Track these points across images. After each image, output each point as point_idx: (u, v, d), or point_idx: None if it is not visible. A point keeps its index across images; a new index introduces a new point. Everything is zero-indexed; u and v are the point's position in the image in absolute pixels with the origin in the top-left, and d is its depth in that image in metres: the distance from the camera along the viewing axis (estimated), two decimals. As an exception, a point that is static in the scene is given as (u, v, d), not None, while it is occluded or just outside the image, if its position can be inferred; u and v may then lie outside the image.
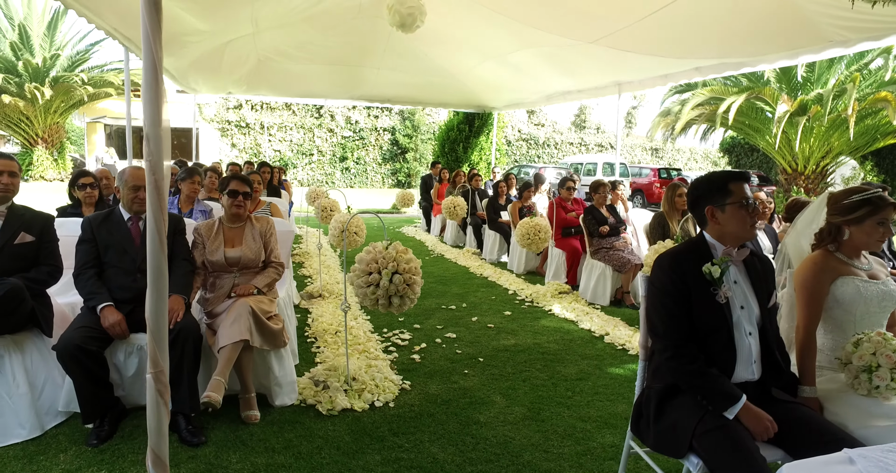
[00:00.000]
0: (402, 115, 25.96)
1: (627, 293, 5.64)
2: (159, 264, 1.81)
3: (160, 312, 1.84)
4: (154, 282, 1.82)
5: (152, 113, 1.75)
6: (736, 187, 1.99)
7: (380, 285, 3.04)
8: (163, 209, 1.78)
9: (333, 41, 8.12)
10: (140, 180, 2.94)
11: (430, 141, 26.05)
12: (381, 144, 25.67)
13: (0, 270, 2.80)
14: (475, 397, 3.30)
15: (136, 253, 2.91)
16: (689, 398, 1.89)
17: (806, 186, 15.81)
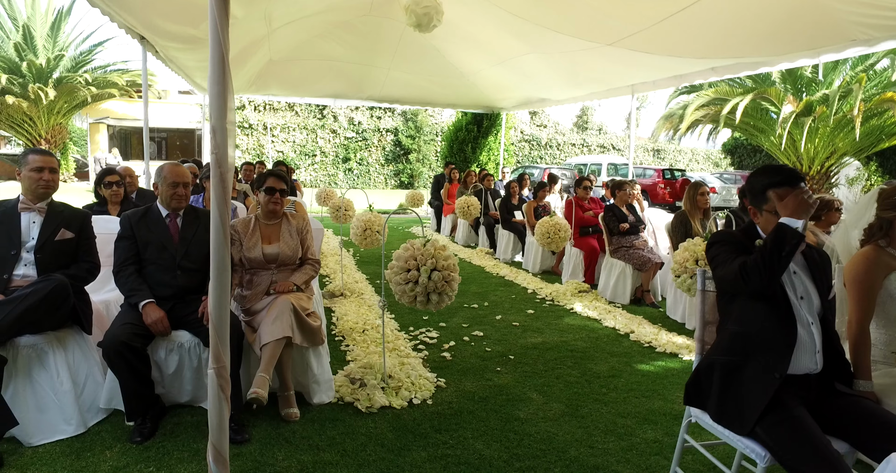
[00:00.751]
0: (404, 116, 25.97)
1: (648, 292, 5.64)
2: (223, 258, 1.80)
3: (223, 306, 1.83)
4: (217, 276, 1.80)
5: (219, 105, 1.74)
6: (776, 194, 1.94)
7: (418, 282, 3.04)
8: (227, 203, 1.77)
9: (344, 41, 8.14)
10: (179, 176, 2.94)
11: (434, 142, 26.09)
12: (383, 145, 25.68)
13: (41, 266, 2.80)
14: (512, 394, 3.30)
15: (175, 250, 2.91)
16: (757, 374, 1.87)
17: (811, 186, 15.82)
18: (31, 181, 2.82)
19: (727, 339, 1.98)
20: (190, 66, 7.68)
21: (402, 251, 3.10)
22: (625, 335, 4.54)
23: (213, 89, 1.74)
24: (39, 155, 2.85)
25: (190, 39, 6.04)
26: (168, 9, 4.90)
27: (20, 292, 2.55)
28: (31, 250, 2.80)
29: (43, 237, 2.83)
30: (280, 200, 3.13)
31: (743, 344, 1.93)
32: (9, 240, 2.76)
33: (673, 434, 2.84)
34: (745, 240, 2.01)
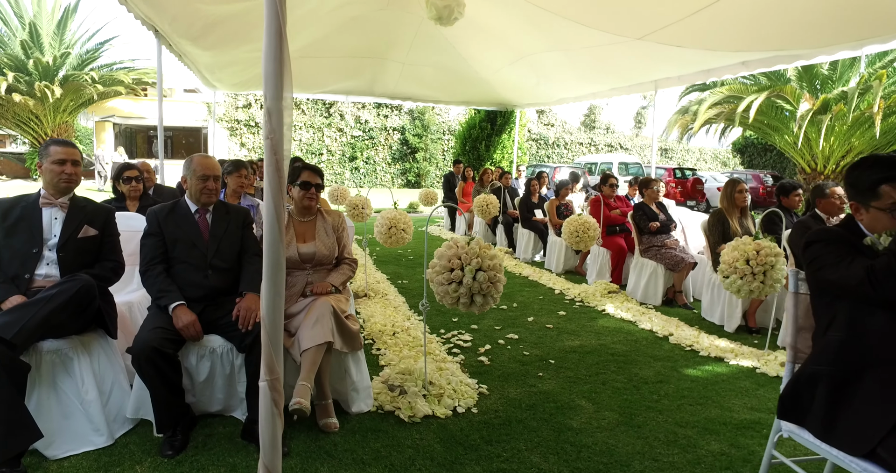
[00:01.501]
0: (411, 114, 25.80)
1: (680, 293, 5.44)
2: (277, 258, 1.61)
3: (276, 312, 1.64)
4: (271, 278, 1.61)
5: (274, 84, 1.55)
6: (889, 190, 1.77)
7: (463, 282, 2.85)
8: (282, 195, 1.58)
9: (360, 36, 7.93)
10: (209, 168, 2.75)
11: (441, 141, 25.92)
12: (390, 144, 25.51)
13: (63, 265, 2.62)
14: (559, 401, 3.11)
15: (205, 248, 2.72)
16: (878, 389, 1.67)
17: (826, 185, 15.59)
18: (53, 175, 2.64)
19: (833, 348, 1.78)
20: (202, 62, 7.50)
21: (446, 250, 2.91)
22: (664, 338, 4.35)
23: (269, 66, 1.54)
24: (61, 146, 2.67)
25: (204, 33, 5.86)
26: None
27: (44, 293, 2.37)
28: (53, 248, 2.62)
29: (65, 235, 2.65)
30: (316, 195, 2.94)
31: (856, 355, 1.73)
32: (30, 237, 2.59)
33: (739, 446, 2.65)
34: (852, 238, 1.81)
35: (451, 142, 26.36)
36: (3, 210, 2.60)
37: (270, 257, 1.59)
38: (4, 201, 2.65)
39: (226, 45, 6.76)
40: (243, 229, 2.83)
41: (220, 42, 6.55)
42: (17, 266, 2.54)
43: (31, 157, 20.45)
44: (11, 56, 18.70)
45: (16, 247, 2.56)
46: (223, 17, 5.51)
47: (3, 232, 2.57)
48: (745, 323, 4.63)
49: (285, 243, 2.80)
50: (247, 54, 7.37)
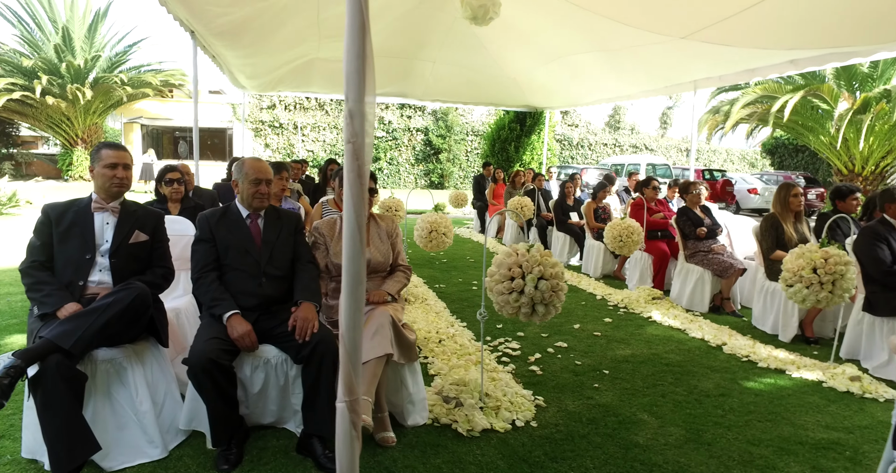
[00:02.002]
0: (434, 115, 25.74)
1: (728, 300, 5.25)
2: (358, 271, 1.50)
3: (356, 328, 1.54)
4: (352, 291, 1.50)
5: (357, 84, 1.44)
6: None
7: (524, 291, 2.74)
8: (364, 202, 1.48)
9: (391, 35, 7.83)
10: (262, 172, 2.66)
11: (464, 141, 25.81)
12: (413, 145, 25.46)
13: (116, 272, 2.56)
14: (620, 415, 2.97)
15: (258, 255, 2.64)
16: None
17: (864, 187, 15.17)
18: (105, 179, 2.58)
19: None
20: (234, 62, 7.49)
21: (505, 258, 2.80)
22: (717, 348, 4.18)
23: (351, 65, 1.44)
24: (113, 150, 2.61)
25: (236, 33, 5.83)
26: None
27: (100, 301, 2.31)
28: (105, 253, 2.57)
29: (117, 240, 2.59)
30: (371, 199, 2.84)
31: None
32: (83, 243, 2.53)
33: (822, 469, 2.49)
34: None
35: (475, 143, 26.25)
36: (56, 215, 2.55)
37: (351, 269, 1.49)
38: (57, 205, 2.60)
39: (256, 45, 6.73)
40: (295, 234, 2.75)
41: (251, 43, 6.53)
42: (71, 273, 2.49)
43: (63, 158, 20.80)
44: (45, 60, 19.05)
45: (69, 253, 2.51)
46: (255, 17, 5.47)
47: (56, 237, 2.52)
48: (801, 333, 4.44)
49: (338, 249, 2.71)
50: (271, 56, 7.34)
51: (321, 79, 9.56)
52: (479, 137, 26.31)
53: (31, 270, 2.45)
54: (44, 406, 2.07)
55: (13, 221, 10.34)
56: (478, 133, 26.31)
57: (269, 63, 7.79)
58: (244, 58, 7.15)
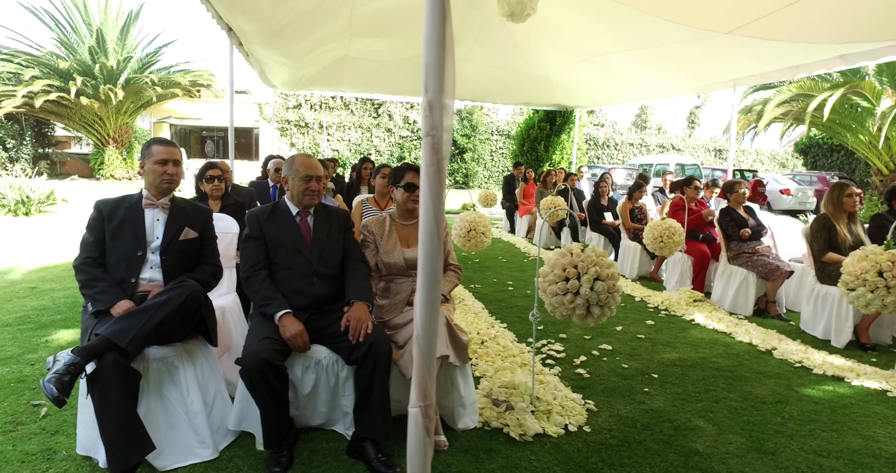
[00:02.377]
0: (459, 114, 25.68)
1: (773, 303, 5.08)
2: (436, 269, 1.44)
3: (432, 328, 1.48)
4: (428, 292, 1.44)
5: (436, 74, 1.39)
6: None
7: (579, 292, 2.66)
8: (442, 198, 1.42)
9: (419, 33, 7.77)
10: (313, 168, 2.62)
11: (489, 141, 25.72)
12: (438, 145, 25.39)
13: (166, 269, 2.55)
14: (675, 421, 2.87)
15: (309, 253, 2.60)
16: None
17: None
18: (155, 175, 2.57)
19: None
20: (269, 61, 7.50)
21: (560, 257, 2.72)
22: (766, 353, 4.04)
23: (431, 55, 1.39)
24: (163, 146, 2.60)
25: (274, 30, 5.83)
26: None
27: (154, 299, 2.29)
28: (155, 250, 2.55)
29: (168, 237, 2.58)
30: (415, 196, 2.78)
31: None
32: (135, 240, 2.52)
33: (897, 481, 2.37)
34: None
35: (500, 142, 26.13)
36: (108, 211, 2.54)
37: (428, 268, 1.43)
38: (109, 201, 2.59)
39: (292, 42, 6.73)
40: (345, 232, 2.71)
41: (288, 40, 6.52)
42: (123, 270, 2.48)
43: (95, 157, 21.21)
44: (80, 61, 19.44)
45: (121, 250, 2.50)
46: (294, 14, 5.46)
47: (109, 234, 2.51)
48: (855, 338, 4.27)
49: (389, 248, 2.66)
50: (305, 54, 7.33)
51: (352, 78, 9.56)
52: (503, 137, 26.19)
53: (84, 266, 2.44)
54: (101, 404, 2.06)
55: (51, 219, 10.54)
56: (502, 133, 26.19)
57: (302, 60, 7.79)
58: (280, 56, 7.16)
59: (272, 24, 5.49)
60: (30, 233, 8.65)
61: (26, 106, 18.56)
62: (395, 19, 6.41)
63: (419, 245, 1.43)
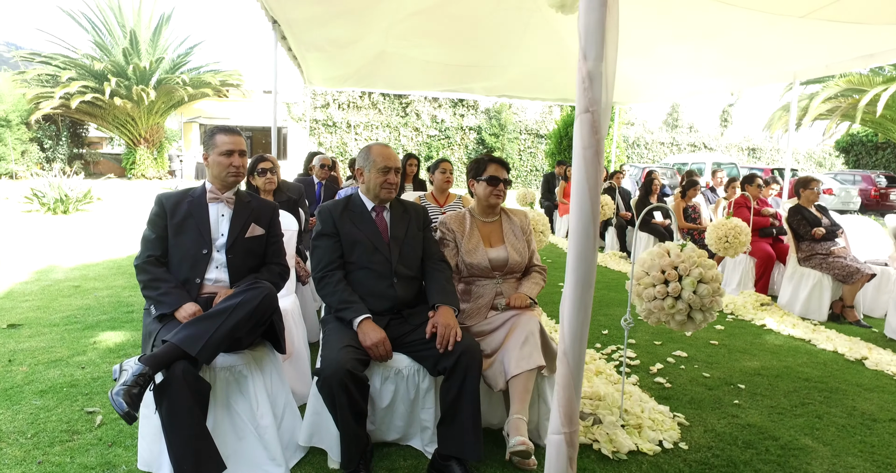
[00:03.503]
0: (487, 114, 25.45)
1: (851, 308, 4.75)
2: (589, 270, 1.21)
3: (582, 339, 1.26)
4: (580, 296, 1.22)
5: (596, 40, 1.17)
6: None
7: (682, 296, 2.41)
8: (598, 186, 1.20)
9: (465, 39, 7.50)
10: (392, 159, 2.40)
11: (517, 140, 25.43)
12: (466, 144, 25.21)
13: (232, 269, 2.36)
14: (779, 439, 2.60)
15: (388, 252, 2.38)
16: None
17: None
18: (220, 167, 2.38)
19: None
20: (308, 57, 7.34)
21: (655, 258, 2.47)
22: (857, 363, 3.73)
23: (591, 15, 1.17)
24: (228, 135, 2.41)
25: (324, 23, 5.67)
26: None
27: (226, 302, 2.09)
28: (221, 249, 2.37)
29: (233, 234, 2.39)
30: (503, 192, 2.56)
31: None
32: (199, 236, 2.33)
33: None
34: None
35: (529, 141, 25.80)
36: (171, 206, 2.35)
37: (580, 269, 1.20)
38: (171, 195, 2.41)
39: (338, 34, 6.54)
40: (424, 230, 2.49)
41: (335, 31, 6.35)
42: (187, 269, 2.30)
43: (127, 157, 21.47)
44: (114, 63, 19.70)
45: (185, 247, 2.31)
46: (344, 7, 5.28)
47: (171, 230, 2.33)
48: (952, 347, 3.94)
49: (471, 247, 2.44)
50: (336, 52, 7.16)
51: (387, 75, 9.35)
52: (532, 136, 25.85)
53: (146, 266, 2.26)
54: (170, 418, 1.87)
55: (88, 217, 10.58)
56: (531, 132, 25.86)
57: (346, 55, 7.63)
58: (325, 48, 6.99)
59: (325, 11, 5.32)
60: (68, 231, 8.65)
61: (63, 107, 18.86)
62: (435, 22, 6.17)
63: (570, 242, 1.21)
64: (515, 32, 7.52)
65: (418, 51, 8.04)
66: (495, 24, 7.01)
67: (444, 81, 9.43)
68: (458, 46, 7.61)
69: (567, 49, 8.33)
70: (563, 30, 7.32)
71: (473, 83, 9.71)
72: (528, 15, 6.64)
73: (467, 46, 7.57)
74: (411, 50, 8.11)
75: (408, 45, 7.94)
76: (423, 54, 8.08)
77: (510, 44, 7.80)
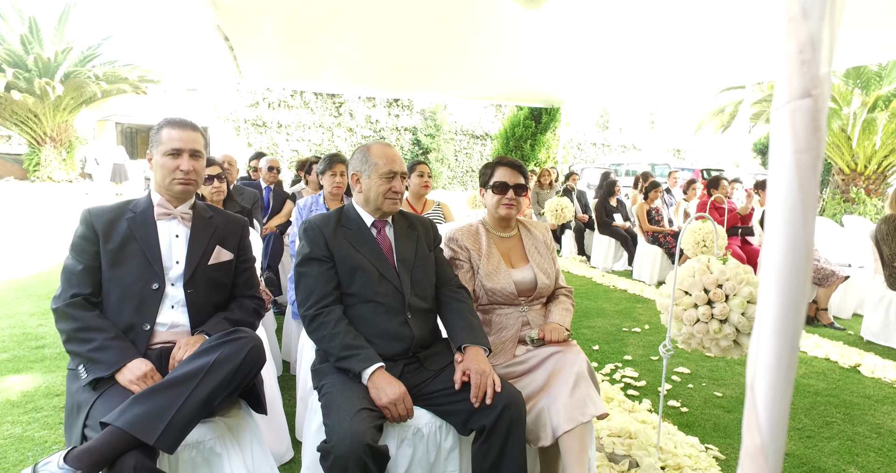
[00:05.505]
0: (423, 114, 25.06)
1: (825, 311, 4.71)
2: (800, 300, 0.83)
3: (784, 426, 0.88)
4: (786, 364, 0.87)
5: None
6: None
7: (729, 319, 2.10)
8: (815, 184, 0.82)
9: (421, 34, 7.05)
10: (398, 163, 1.91)
11: (453, 141, 25.19)
12: (401, 144, 24.71)
13: (193, 309, 1.81)
14: (827, 470, 2.35)
15: (398, 280, 1.88)
16: None
17: (866, 186, 15.07)
18: (164, 172, 1.82)
19: None
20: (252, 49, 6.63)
21: (698, 276, 2.15)
22: (851, 370, 3.62)
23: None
24: (177, 129, 1.84)
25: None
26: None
27: (193, 363, 1.55)
28: (177, 281, 1.81)
29: (193, 261, 1.84)
30: (516, 200, 2.14)
31: None
32: (146, 266, 1.77)
33: None
34: None
35: (464, 142, 25.63)
36: (104, 225, 1.77)
37: (788, 330, 0.82)
38: (103, 210, 1.81)
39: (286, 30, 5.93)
40: (435, 247, 2.03)
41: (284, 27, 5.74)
42: (131, 311, 1.73)
43: (29, 157, 19.46)
44: (10, 52, 17.77)
45: (128, 281, 1.74)
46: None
47: (107, 259, 1.74)
48: (935, 349, 3.92)
49: (491, 268, 2.03)
50: (299, 45, 6.54)
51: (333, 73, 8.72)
52: (467, 137, 25.71)
53: (71, 309, 1.67)
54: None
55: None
56: (467, 132, 25.72)
57: (292, 50, 6.98)
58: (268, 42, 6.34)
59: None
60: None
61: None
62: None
63: (772, 291, 0.83)
64: (470, 31, 7.10)
65: (369, 49, 7.50)
66: (450, 22, 6.55)
67: (395, 80, 8.93)
68: (412, 45, 7.14)
69: (518, 50, 7.97)
70: (516, 30, 6.93)
71: (425, 83, 9.25)
72: (486, 14, 6.26)
73: (421, 45, 7.12)
74: (361, 49, 7.56)
75: (360, 43, 7.39)
76: (374, 53, 7.56)
77: (463, 42, 7.39)
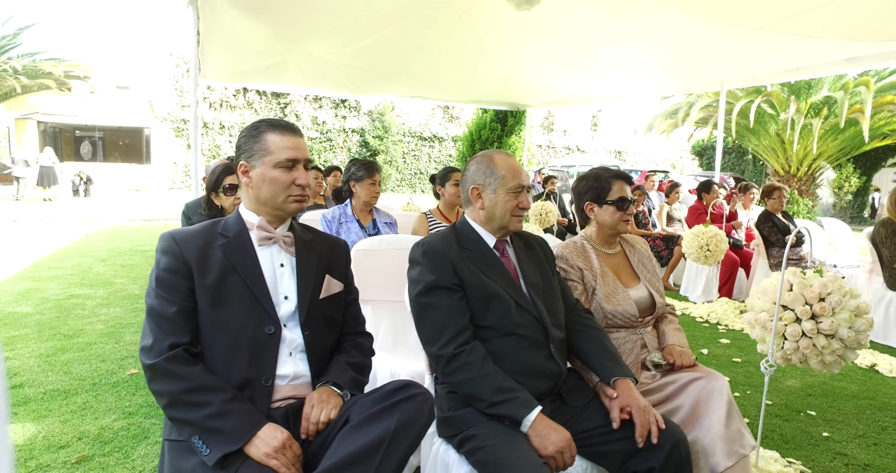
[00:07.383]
0: (370, 115, 24.70)
1: (821, 311, 4.89)
2: None
3: None
4: None
5: None
6: None
7: (837, 335, 2.07)
8: None
9: (387, 37, 6.80)
10: (523, 175, 1.73)
11: (401, 143, 24.97)
12: (349, 146, 24.26)
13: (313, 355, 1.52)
14: (910, 480, 2.38)
15: (534, 308, 1.69)
16: None
17: (798, 187, 16.08)
18: (277, 188, 1.50)
19: None
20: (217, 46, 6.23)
21: (797, 290, 2.11)
22: (871, 370, 3.76)
23: None
24: (288, 135, 1.53)
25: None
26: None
27: (366, 430, 1.32)
28: (291, 321, 1.51)
29: (305, 296, 1.53)
30: (629, 215, 2.03)
31: None
32: (254, 304, 1.46)
33: None
34: None
35: (413, 144, 25.45)
36: (197, 256, 1.43)
37: None
38: (190, 235, 1.47)
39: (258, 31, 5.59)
40: (553, 269, 1.87)
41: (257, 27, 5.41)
42: (244, 364, 1.42)
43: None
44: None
45: (234, 325, 1.43)
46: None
47: (206, 298, 1.42)
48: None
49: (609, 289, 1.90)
50: (266, 45, 6.24)
51: (298, 73, 8.35)
52: (416, 138, 25.54)
53: (173, 365, 1.34)
54: None
55: None
56: (415, 134, 25.54)
57: (259, 49, 6.61)
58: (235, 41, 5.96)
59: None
60: None
61: None
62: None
63: None
64: (439, 35, 6.94)
65: (337, 51, 7.22)
66: (416, 25, 6.36)
67: (366, 80, 8.65)
68: (379, 48, 6.94)
69: (485, 54, 7.81)
70: (487, 35, 6.81)
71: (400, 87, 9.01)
72: (455, 19, 6.14)
73: (388, 48, 6.93)
74: (331, 51, 7.27)
75: (329, 46, 7.10)
76: (342, 55, 7.29)
77: (432, 46, 7.23)
